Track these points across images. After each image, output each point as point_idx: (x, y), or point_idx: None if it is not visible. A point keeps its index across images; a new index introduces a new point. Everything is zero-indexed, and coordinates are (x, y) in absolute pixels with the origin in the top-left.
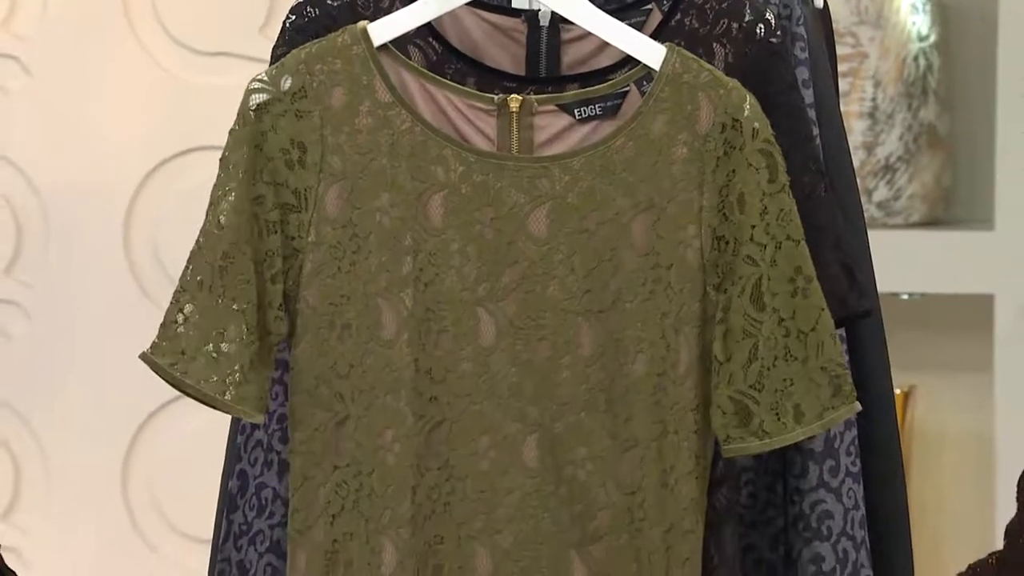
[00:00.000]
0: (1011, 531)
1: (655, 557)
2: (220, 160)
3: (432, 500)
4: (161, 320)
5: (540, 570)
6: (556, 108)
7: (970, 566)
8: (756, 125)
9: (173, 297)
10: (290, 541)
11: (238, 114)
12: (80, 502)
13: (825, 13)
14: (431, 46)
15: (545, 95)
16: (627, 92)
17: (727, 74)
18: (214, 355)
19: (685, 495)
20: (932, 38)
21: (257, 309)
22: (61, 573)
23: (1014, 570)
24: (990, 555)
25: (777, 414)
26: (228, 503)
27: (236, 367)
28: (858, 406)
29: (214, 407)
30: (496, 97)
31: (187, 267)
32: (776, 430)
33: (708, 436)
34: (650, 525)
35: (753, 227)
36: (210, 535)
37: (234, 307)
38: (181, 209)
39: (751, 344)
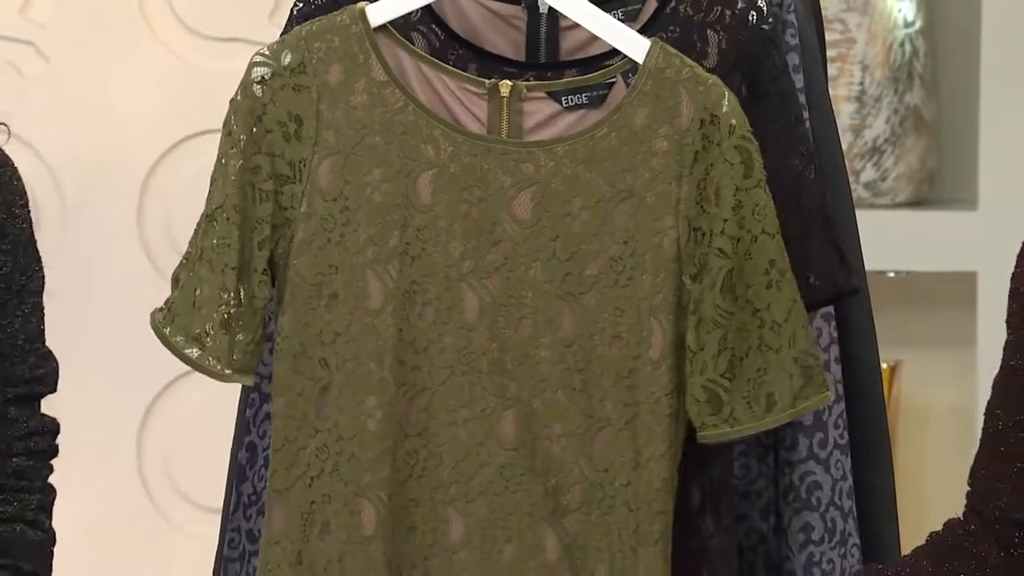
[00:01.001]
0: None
1: (624, 535)
2: (223, 127)
3: (410, 465)
4: None
5: (510, 539)
6: (545, 95)
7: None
8: (733, 121)
9: (183, 256)
10: (268, 500)
11: (240, 85)
12: (95, 473)
13: (815, 0)
14: (434, 32)
15: (535, 83)
16: (613, 83)
17: (721, 60)
18: (189, 314)
19: (657, 476)
20: (918, 24)
21: (238, 272)
22: (76, 542)
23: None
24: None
25: (749, 402)
26: (238, 474)
27: (207, 325)
28: (830, 396)
29: (185, 362)
30: (488, 82)
31: (194, 230)
32: (747, 418)
33: (682, 421)
34: (621, 503)
35: (725, 220)
36: (221, 504)
37: (210, 268)
38: (192, 189)
39: (721, 334)
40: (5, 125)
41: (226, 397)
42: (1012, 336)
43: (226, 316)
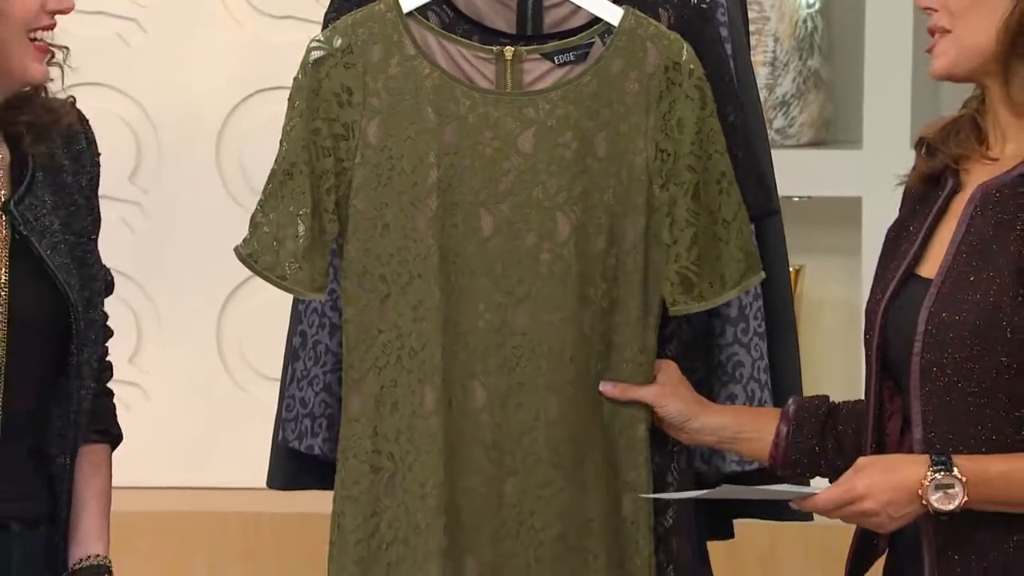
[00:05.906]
0: None
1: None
2: (288, 100)
3: (450, 351)
4: (244, 219)
5: (521, 405)
6: (540, 56)
7: None
8: (691, 66)
9: (257, 204)
10: (345, 388)
11: (301, 65)
12: (185, 350)
13: None
14: (444, 11)
15: (532, 47)
16: (592, 43)
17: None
18: (277, 249)
19: (632, 332)
20: (817, 5)
21: (312, 214)
22: (171, 402)
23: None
24: None
25: (711, 283)
26: (292, 355)
27: (293, 258)
28: (763, 274)
29: (277, 287)
30: (495, 48)
31: (266, 183)
32: (710, 295)
33: (652, 295)
34: (598, 361)
35: (692, 143)
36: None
37: (292, 212)
38: (258, 133)
39: (692, 232)
40: None
41: (285, 295)
42: None
43: (305, 248)
